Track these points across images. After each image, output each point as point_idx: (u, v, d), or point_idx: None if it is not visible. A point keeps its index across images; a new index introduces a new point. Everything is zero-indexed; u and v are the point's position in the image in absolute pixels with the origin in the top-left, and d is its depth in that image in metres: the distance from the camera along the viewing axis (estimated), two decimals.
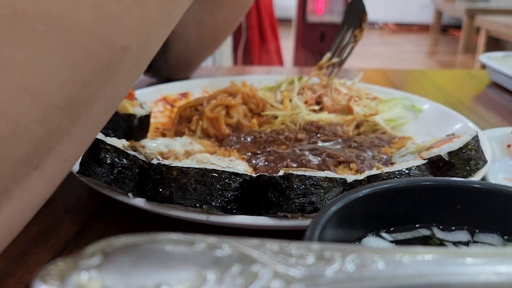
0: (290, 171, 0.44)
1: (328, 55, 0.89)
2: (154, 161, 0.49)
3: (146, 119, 0.68)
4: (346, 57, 0.87)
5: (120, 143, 0.50)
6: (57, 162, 0.29)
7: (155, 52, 0.33)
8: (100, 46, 0.27)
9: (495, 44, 4.24)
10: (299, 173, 0.44)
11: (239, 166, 0.56)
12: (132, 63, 0.30)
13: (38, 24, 0.25)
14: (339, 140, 0.68)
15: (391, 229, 0.35)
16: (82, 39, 0.26)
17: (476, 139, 0.54)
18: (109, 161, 0.47)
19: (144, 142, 0.62)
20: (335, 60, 0.89)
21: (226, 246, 0.19)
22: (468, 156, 0.52)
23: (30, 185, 0.29)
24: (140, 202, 0.47)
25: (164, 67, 1.07)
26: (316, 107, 0.82)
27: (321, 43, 3.47)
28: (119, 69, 0.29)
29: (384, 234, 0.35)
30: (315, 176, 0.44)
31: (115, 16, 0.27)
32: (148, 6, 0.29)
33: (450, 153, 0.52)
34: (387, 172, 0.47)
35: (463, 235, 0.35)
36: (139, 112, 0.66)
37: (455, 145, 0.53)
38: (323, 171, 0.47)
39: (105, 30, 0.27)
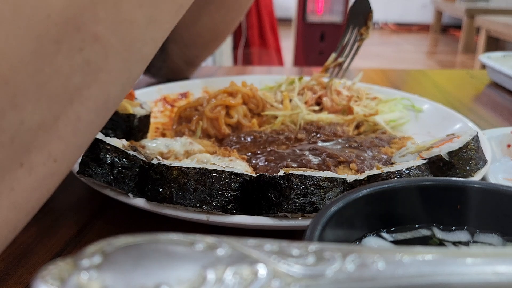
0: (290, 171, 0.44)
1: (333, 55, 0.89)
2: (154, 161, 0.49)
3: (146, 119, 0.69)
4: (353, 56, 0.87)
5: (120, 143, 0.50)
6: (47, 163, 0.28)
7: (148, 56, 0.32)
8: (72, 33, 0.26)
9: (495, 44, 4.24)
10: (299, 173, 0.44)
11: (239, 166, 0.56)
12: (118, 62, 0.29)
13: (3, 7, 0.24)
14: (339, 140, 0.68)
15: (391, 229, 0.35)
16: (56, 26, 0.25)
17: (476, 139, 0.54)
18: (109, 161, 0.47)
19: (144, 142, 0.62)
20: (340, 60, 0.88)
21: (226, 246, 0.19)
22: (468, 156, 0.52)
23: (18, 184, 0.28)
24: (140, 202, 0.47)
25: (164, 68, 1.07)
26: (316, 108, 0.82)
27: (321, 43, 3.47)
28: (103, 66, 0.28)
29: (384, 234, 0.35)
30: (315, 176, 0.44)
31: (88, 2, 0.26)
32: (125, 2, 0.28)
33: (450, 153, 0.52)
34: (387, 172, 0.47)
35: (463, 235, 0.35)
36: (139, 112, 0.66)
37: (455, 145, 0.53)
38: (323, 171, 0.47)
39: (80, 19, 0.26)
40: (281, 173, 0.45)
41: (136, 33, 0.29)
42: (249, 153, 0.64)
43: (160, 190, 0.45)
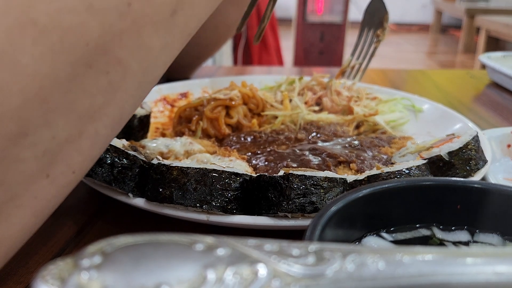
0: (290, 171, 0.44)
1: (349, 58, 0.88)
2: (154, 161, 0.49)
3: (146, 119, 0.68)
4: (370, 58, 0.86)
5: (120, 143, 0.50)
6: (66, 173, 0.31)
7: (158, 78, 0.35)
8: (105, 61, 0.29)
9: (495, 44, 4.24)
10: (299, 173, 0.44)
11: (239, 166, 0.56)
12: (135, 83, 0.32)
13: (53, 34, 0.26)
14: (339, 140, 0.68)
15: (391, 229, 0.35)
16: (91, 55, 0.28)
17: (476, 139, 0.54)
18: (109, 161, 0.47)
19: (144, 142, 0.62)
20: (356, 62, 0.87)
21: (226, 246, 0.19)
22: (468, 156, 0.52)
23: (41, 193, 0.30)
24: (140, 202, 0.47)
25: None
26: (316, 108, 0.82)
27: (321, 43, 3.47)
28: (122, 87, 0.31)
29: (384, 234, 0.35)
30: (315, 176, 0.44)
31: (117, 32, 0.29)
32: (146, 30, 0.31)
33: (450, 153, 0.52)
34: (387, 172, 0.47)
35: (463, 235, 0.35)
36: (139, 112, 0.66)
37: (455, 145, 0.53)
38: (323, 171, 0.47)
39: (110, 45, 0.29)
40: (281, 173, 0.45)
41: (151, 58, 0.32)
42: (249, 153, 0.64)
43: (160, 190, 0.45)
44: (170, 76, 1.08)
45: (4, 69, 0.25)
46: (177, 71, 1.08)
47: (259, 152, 0.64)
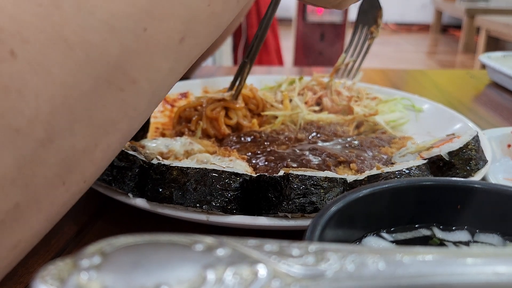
0: (290, 171, 0.44)
1: (343, 55, 0.87)
2: (154, 161, 0.49)
3: None
4: (364, 55, 0.85)
5: None
6: (79, 182, 0.33)
7: (162, 98, 0.38)
8: (121, 78, 0.32)
9: (495, 44, 4.24)
10: (299, 173, 0.44)
11: (239, 166, 0.56)
12: (145, 102, 0.35)
13: (79, 51, 0.29)
14: (339, 140, 0.68)
15: (391, 229, 0.35)
16: (109, 73, 0.31)
17: (476, 139, 0.54)
18: None
19: (144, 142, 0.62)
20: (350, 60, 0.87)
21: (226, 246, 0.19)
22: (468, 156, 0.52)
23: (57, 200, 0.32)
24: (140, 202, 0.47)
25: None
26: (316, 108, 0.82)
27: (321, 43, 3.47)
28: (134, 104, 0.34)
29: (384, 234, 0.35)
30: (315, 176, 0.44)
31: (133, 52, 0.32)
32: (157, 53, 0.33)
33: (450, 153, 0.52)
34: (387, 172, 0.47)
35: (463, 235, 0.35)
36: None
37: (455, 145, 0.53)
38: (323, 171, 0.47)
39: (125, 64, 0.32)
40: (281, 173, 0.45)
41: (160, 79, 0.35)
42: (249, 153, 0.64)
43: (160, 190, 0.45)
44: None
45: (38, 78, 0.28)
46: None
47: (259, 152, 0.64)
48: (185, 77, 1.09)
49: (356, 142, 0.66)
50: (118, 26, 0.31)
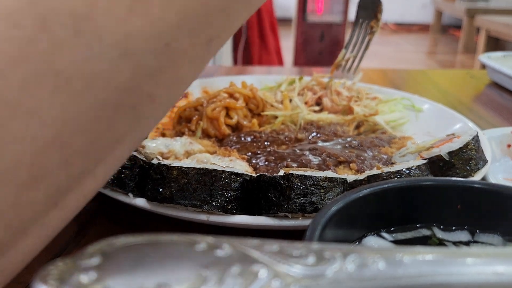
0: (290, 171, 0.44)
1: (343, 51, 0.86)
2: (154, 161, 0.49)
3: None
4: (365, 50, 0.84)
5: None
6: (78, 199, 0.30)
7: (174, 103, 0.34)
8: (132, 98, 0.27)
9: (495, 44, 4.24)
10: (299, 173, 0.44)
11: (239, 166, 0.56)
12: (161, 112, 0.31)
13: (77, 82, 0.24)
14: (339, 140, 0.68)
15: (391, 229, 0.35)
16: (117, 95, 0.26)
17: (476, 139, 0.54)
18: None
19: (144, 142, 0.62)
20: (350, 56, 0.85)
21: (226, 246, 0.19)
22: (468, 156, 0.52)
23: (49, 221, 0.29)
24: (140, 202, 0.47)
25: None
26: (316, 108, 0.82)
27: (321, 43, 3.47)
28: (148, 116, 0.30)
29: (384, 234, 0.35)
30: (315, 176, 0.44)
31: (152, 71, 0.27)
32: (182, 65, 0.29)
33: (450, 153, 0.52)
34: (387, 172, 0.47)
35: (463, 235, 0.35)
36: None
37: (455, 145, 0.53)
38: (323, 171, 0.47)
39: (142, 84, 0.27)
40: (281, 173, 0.45)
41: (183, 88, 0.31)
42: (249, 153, 0.64)
43: (160, 190, 0.45)
44: None
45: (18, 119, 0.23)
46: None
47: (259, 152, 0.64)
48: None
49: (356, 142, 0.66)
50: (133, 49, 0.26)
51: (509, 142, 0.67)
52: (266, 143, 0.69)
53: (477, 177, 0.52)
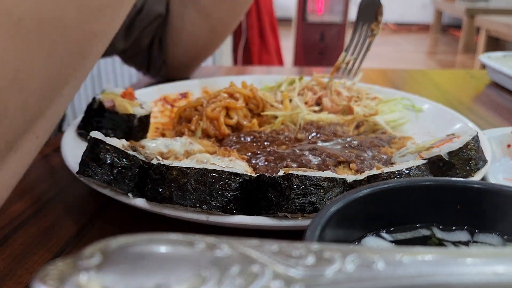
0: (290, 171, 0.44)
1: (343, 54, 0.86)
2: (154, 161, 0.49)
3: (146, 119, 0.68)
4: (365, 53, 0.84)
5: (120, 143, 0.50)
6: (31, 140, 0.33)
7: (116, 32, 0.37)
8: (79, 35, 0.31)
9: (495, 44, 4.24)
10: (299, 173, 0.44)
11: (239, 166, 0.56)
12: (102, 48, 0.35)
13: (29, 24, 0.27)
14: (339, 140, 0.68)
15: (391, 229, 0.35)
16: (66, 33, 0.30)
17: (476, 139, 0.54)
18: (109, 161, 0.47)
19: (144, 142, 0.62)
20: (350, 58, 0.85)
21: (226, 247, 0.19)
22: (468, 156, 0.52)
23: (7, 165, 0.32)
24: (140, 202, 0.47)
25: (163, 68, 1.07)
26: (316, 108, 0.82)
27: (321, 43, 3.47)
28: (92, 53, 0.34)
29: (384, 234, 0.35)
30: (315, 176, 0.44)
31: (95, 10, 0.31)
32: (123, 3, 0.33)
33: (450, 153, 0.52)
34: (387, 172, 0.47)
35: (463, 235, 0.35)
36: (139, 112, 0.66)
37: (455, 145, 0.53)
38: (323, 171, 0.47)
39: (87, 22, 0.31)
40: (281, 173, 0.45)
41: (119, 25, 0.35)
42: (249, 153, 0.64)
43: (160, 190, 0.45)
44: (170, 76, 1.08)
45: None
46: (176, 71, 1.08)
47: (259, 152, 0.64)
48: (185, 77, 1.09)
49: (356, 142, 0.66)
50: None
51: (509, 142, 0.67)
52: (266, 143, 0.69)
53: (477, 177, 0.52)
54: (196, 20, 0.98)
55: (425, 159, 0.52)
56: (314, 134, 0.72)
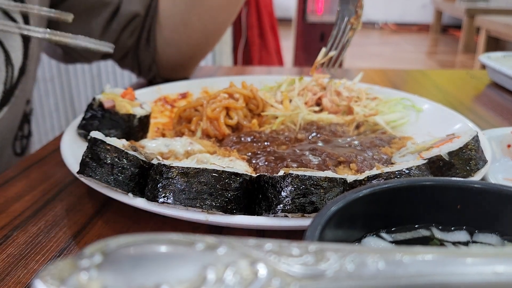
0: (290, 171, 0.44)
1: (324, 50, 0.85)
2: (154, 161, 0.49)
3: (146, 119, 0.69)
4: (344, 47, 0.82)
5: (120, 143, 0.50)
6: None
7: None
8: None
9: (495, 44, 4.24)
10: (299, 173, 0.44)
11: (239, 166, 0.56)
12: None
13: None
14: (339, 140, 0.68)
15: (391, 229, 0.35)
16: None
17: (476, 139, 0.54)
18: (109, 161, 0.47)
19: (144, 142, 0.62)
20: (332, 53, 0.83)
21: (226, 246, 0.19)
22: (468, 156, 0.52)
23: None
24: (140, 202, 0.47)
25: (154, 69, 1.06)
26: (316, 108, 0.82)
27: (321, 43, 3.47)
28: None
29: (383, 234, 0.35)
30: (315, 176, 0.44)
31: None
32: None
33: (450, 153, 0.52)
34: (387, 172, 0.47)
35: (462, 235, 0.35)
36: (139, 112, 0.66)
37: (455, 145, 0.53)
38: (323, 171, 0.47)
39: None
40: (281, 173, 0.45)
41: None
42: (249, 153, 0.64)
43: (160, 190, 0.45)
44: (169, 76, 1.08)
45: None
46: (172, 72, 1.08)
47: (259, 152, 0.64)
48: (185, 77, 1.09)
49: (356, 142, 0.66)
50: None
51: (509, 142, 0.67)
52: (266, 143, 0.69)
53: (477, 177, 0.52)
54: (186, 20, 0.98)
55: (425, 159, 0.52)
56: (314, 134, 0.72)
